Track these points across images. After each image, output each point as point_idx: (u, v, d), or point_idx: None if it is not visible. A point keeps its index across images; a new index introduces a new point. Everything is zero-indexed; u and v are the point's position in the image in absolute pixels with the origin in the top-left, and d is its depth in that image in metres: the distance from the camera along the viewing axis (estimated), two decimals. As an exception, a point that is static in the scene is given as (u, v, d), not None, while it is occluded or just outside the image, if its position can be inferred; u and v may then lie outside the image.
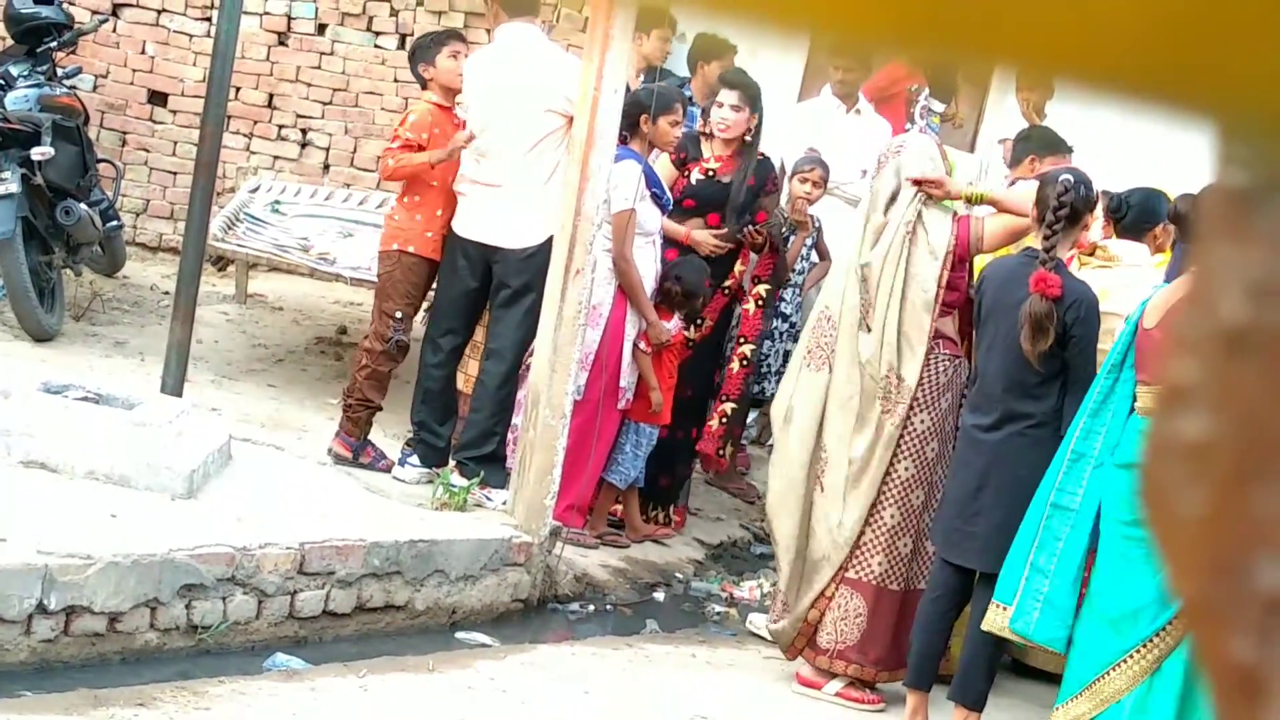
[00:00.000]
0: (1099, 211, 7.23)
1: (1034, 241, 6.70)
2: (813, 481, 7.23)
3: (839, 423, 7.18)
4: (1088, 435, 6.20)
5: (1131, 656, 5.92)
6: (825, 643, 7.16)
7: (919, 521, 7.03)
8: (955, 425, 6.99)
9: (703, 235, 9.04)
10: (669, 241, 8.92)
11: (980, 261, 7.27)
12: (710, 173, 9.07)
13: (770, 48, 9.28)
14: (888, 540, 7.01)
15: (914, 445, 6.99)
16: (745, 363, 9.28)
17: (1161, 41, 0.66)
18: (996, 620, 6.45)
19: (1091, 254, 7.71)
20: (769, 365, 10.08)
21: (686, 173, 9.06)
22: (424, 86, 8.79)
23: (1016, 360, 6.51)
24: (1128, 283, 7.61)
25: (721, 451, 9.27)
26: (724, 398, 9.24)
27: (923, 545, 7.06)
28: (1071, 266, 7.24)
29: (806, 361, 7.34)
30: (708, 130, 9.13)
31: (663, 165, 8.96)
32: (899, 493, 6.99)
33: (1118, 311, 7.12)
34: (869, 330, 7.07)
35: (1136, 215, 7.98)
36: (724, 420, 9.19)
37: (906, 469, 6.99)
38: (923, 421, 6.98)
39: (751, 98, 9.06)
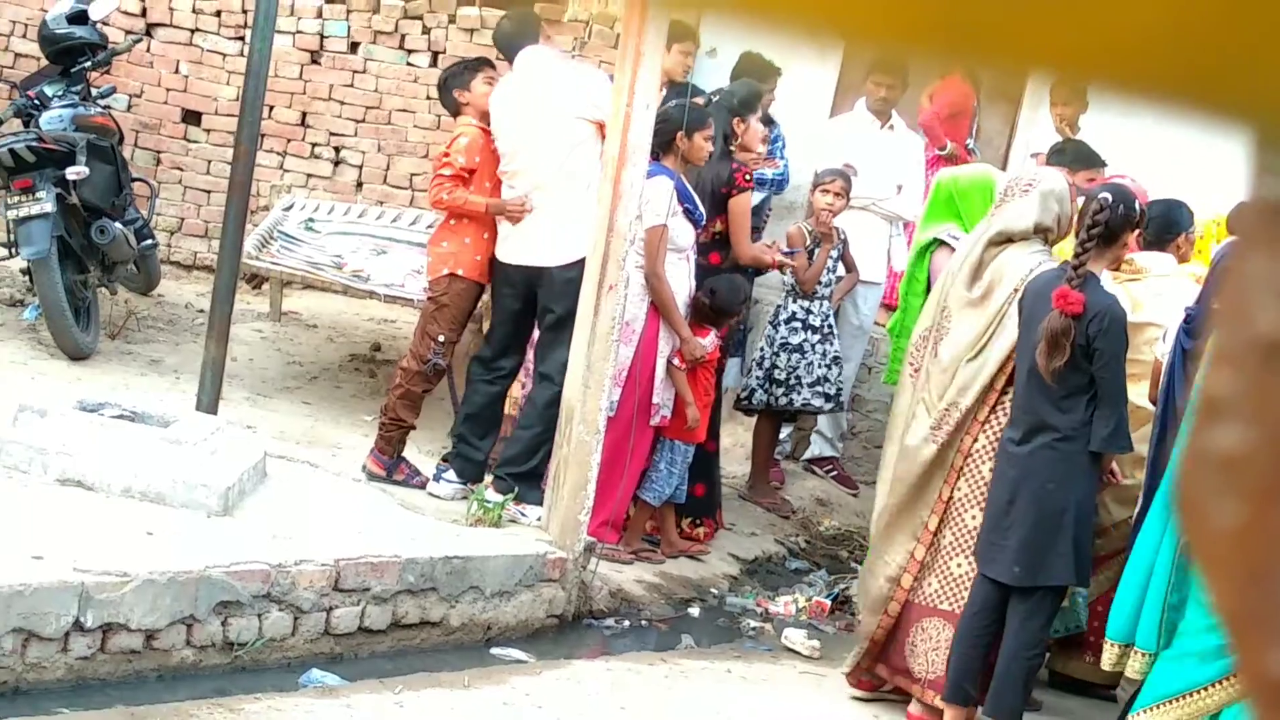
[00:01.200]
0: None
1: None
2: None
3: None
4: None
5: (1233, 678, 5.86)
6: (919, 672, 7.13)
7: None
8: None
9: (759, 255, 9.19)
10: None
11: None
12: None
13: (804, 59, 9.27)
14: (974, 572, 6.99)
15: (981, 494, 6.95)
16: None
17: (1195, 48, 0.66)
18: (1136, 665, 6.45)
19: (1118, 267, 7.70)
20: (798, 378, 10.08)
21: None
22: (456, 114, 8.79)
23: (1056, 375, 6.51)
24: (1159, 292, 7.60)
25: None
26: None
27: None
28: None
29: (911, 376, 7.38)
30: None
31: (747, 209, 9.06)
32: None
33: (1154, 321, 7.10)
34: (936, 355, 7.10)
35: (1159, 227, 7.96)
36: None
37: (975, 516, 6.97)
38: (989, 470, 6.95)
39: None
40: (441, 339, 8.53)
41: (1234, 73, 0.68)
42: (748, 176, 9.00)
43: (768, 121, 10.15)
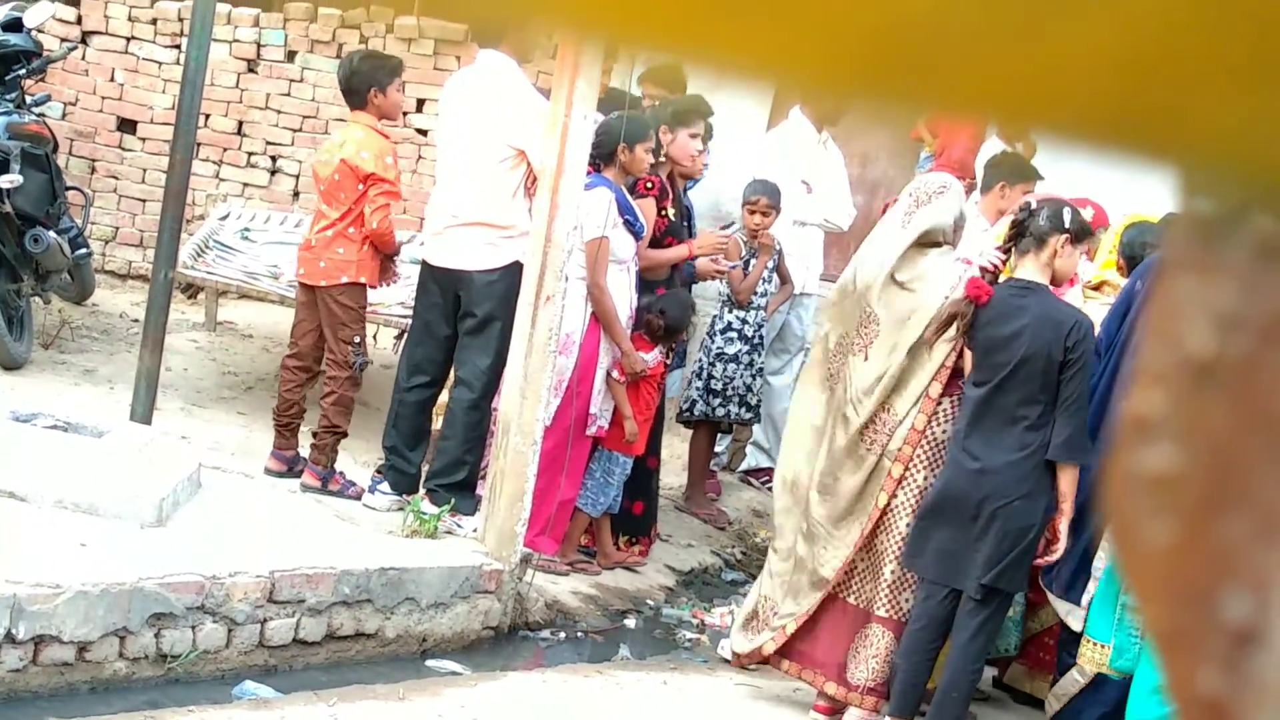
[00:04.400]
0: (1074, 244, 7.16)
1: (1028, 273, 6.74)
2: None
3: (821, 450, 7.24)
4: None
5: None
6: (857, 679, 7.13)
7: None
8: None
9: (709, 239, 9.13)
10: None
11: None
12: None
13: (736, 91, 9.25)
14: (914, 577, 7.01)
15: (914, 501, 6.99)
16: None
17: (1122, 89, 0.67)
18: (1094, 657, 6.54)
19: (1099, 289, 7.76)
20: (733, 389, 10.11)
21: (661, 209, 9.07)
22: (359, 105, 8.65)
23: (1020, 392, 6.55)
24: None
25: None
26: None
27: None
28: (1072, 298, 7.30)
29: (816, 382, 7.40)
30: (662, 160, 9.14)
31: (647, 207, 8.96)
32: None
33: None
34: (866, 359, 7.12)
35: (1135, 252, 7.93)
36: None
37: (907, 524, 6.99)
38: (926, 478, 6.97)
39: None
40: (357, 340, 8.54)
41: (1164, 116, 0.68)
42: (649, 184, 8.99)
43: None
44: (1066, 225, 6.81)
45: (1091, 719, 6.98)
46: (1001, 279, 6.90)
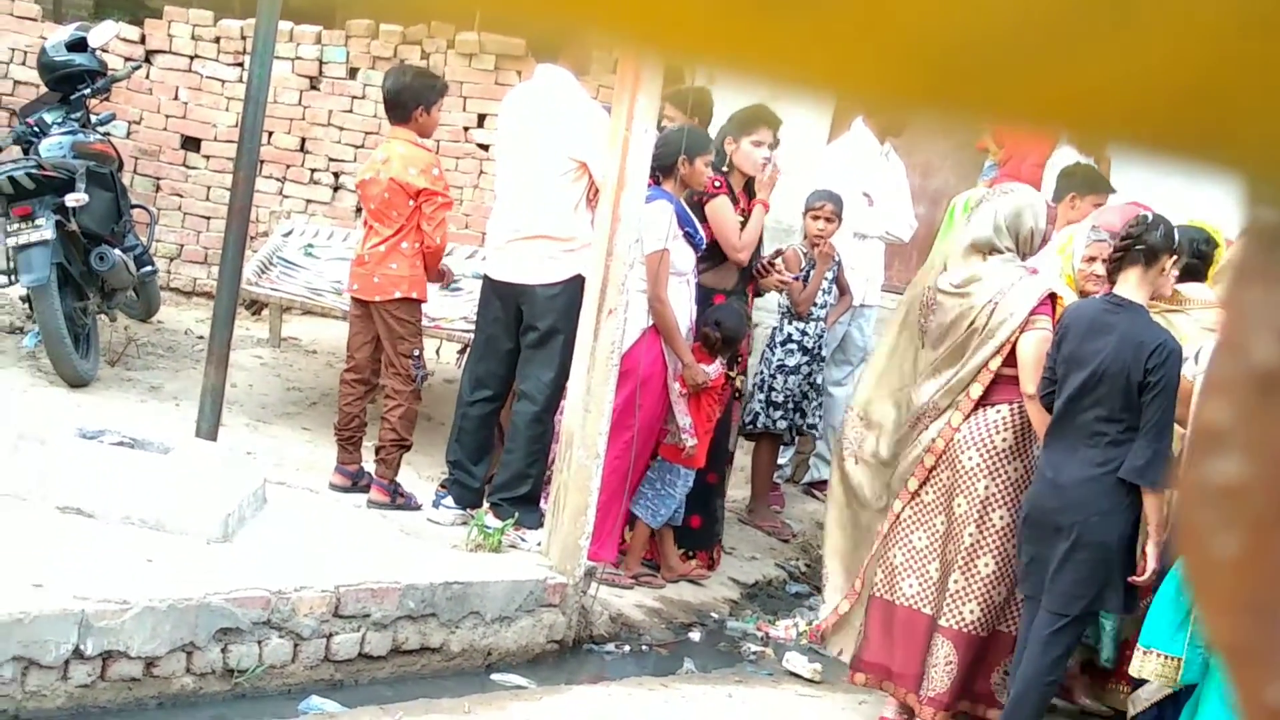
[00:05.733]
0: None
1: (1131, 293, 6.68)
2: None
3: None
4: None
5: None
6: (922, 691, 7.13)
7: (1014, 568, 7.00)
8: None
9: (767, 184, 9.13)
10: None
11: None
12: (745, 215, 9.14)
13: (797, 107, 9.23)
14: (983, 589, 7.00)
15: (979, 511, 6.99)
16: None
17: (1187, 101, 0.67)
18: (1159, 669, 6.46)
19: (1172, 299, 7.71)
20: (794, 401, 10.09)
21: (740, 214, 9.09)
22: (402, 120, 8.67)
23: (1104, 408, 6.50)
24: (1199, 321, 7.51)
25: None
26: None
27: (1013, 590, 7.03)
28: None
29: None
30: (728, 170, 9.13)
31: (727, 209, 8.98)
32: (996, 541, 6.98)
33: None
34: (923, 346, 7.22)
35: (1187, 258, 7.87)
36: None
37: (971, 534, 7.00)
38: (986, 488, 6.97)
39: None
40: (417, 353, 8.59)
41: (1229, 127, 0.68)
42: (716, 184, 8.98)
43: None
44: (1177, 244, 6.78)
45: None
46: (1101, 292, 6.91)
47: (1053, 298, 7.01)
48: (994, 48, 0.65)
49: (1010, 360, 6.99)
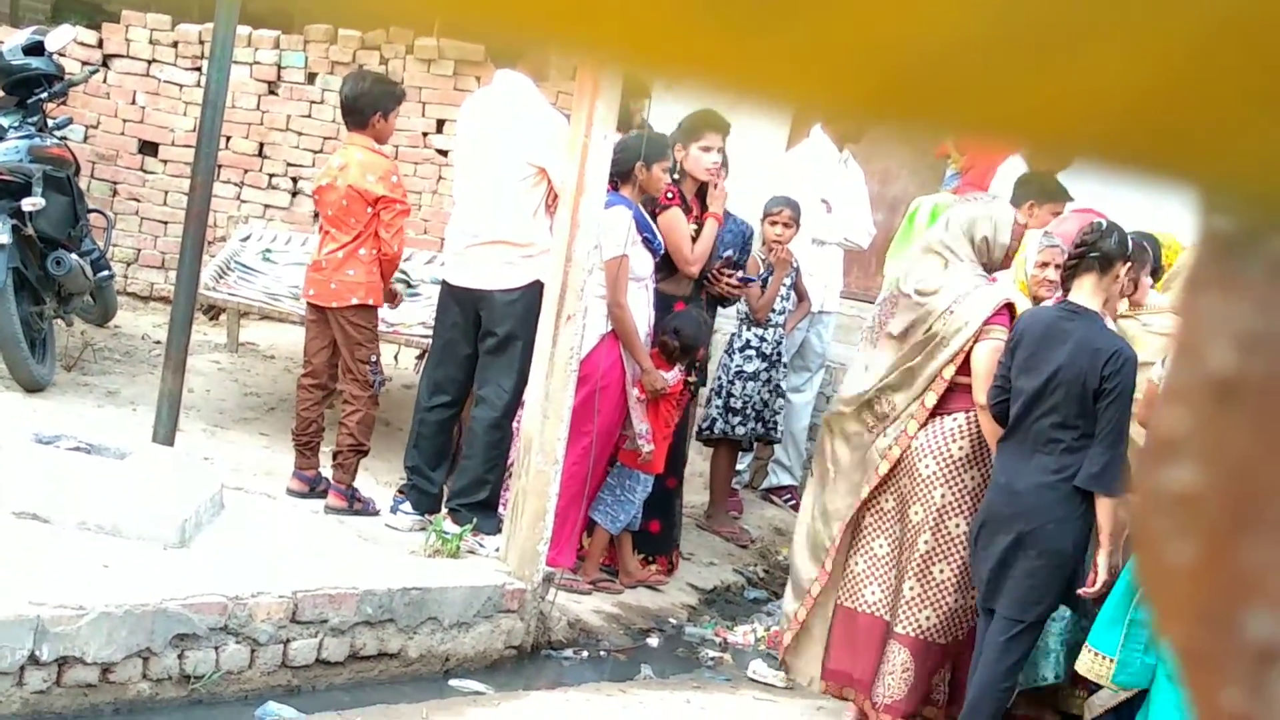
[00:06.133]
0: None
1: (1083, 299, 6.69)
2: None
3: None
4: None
5: None
6: (876, 696, 7.13)
7: (968, 577, 7.01)
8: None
9: (719, 194, 9.10)
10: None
11: None
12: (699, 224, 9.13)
13: (753, 118, 9.23)
14: (940, 596, 7.01)
15: (934, 519, 7.00)
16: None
17: (1143, 114, 0.67)
18: (1095, 669, 6.49)
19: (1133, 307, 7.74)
20: (752, 407, 10.11)
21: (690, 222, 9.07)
22: (359, 126, 8.62)
23: (1059, 416, 6.51)
24: (1147, 324, 7.54)
25: None
26: None
27: (966, 598, 7.04)
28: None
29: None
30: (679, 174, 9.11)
31: (680, 222, 8.97)
32: (953, 549, 6.98)
33: (1149, 360, 7.04)
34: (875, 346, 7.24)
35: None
36: None
37: (926, 541, 7.00)
38: (942, 495, 6.98)
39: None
40: (374, 359, 8.59)
41: (1185, 139, 0.68)
42: (669, 195, 8.98)
43: None
44: (1131, 251, 6.80)
45: None
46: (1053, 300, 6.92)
47: (1009, 307, 7.01)
48: (950, 60, 0.65)
49: (965, 369, 7.00)
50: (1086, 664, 6.60)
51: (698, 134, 9.09)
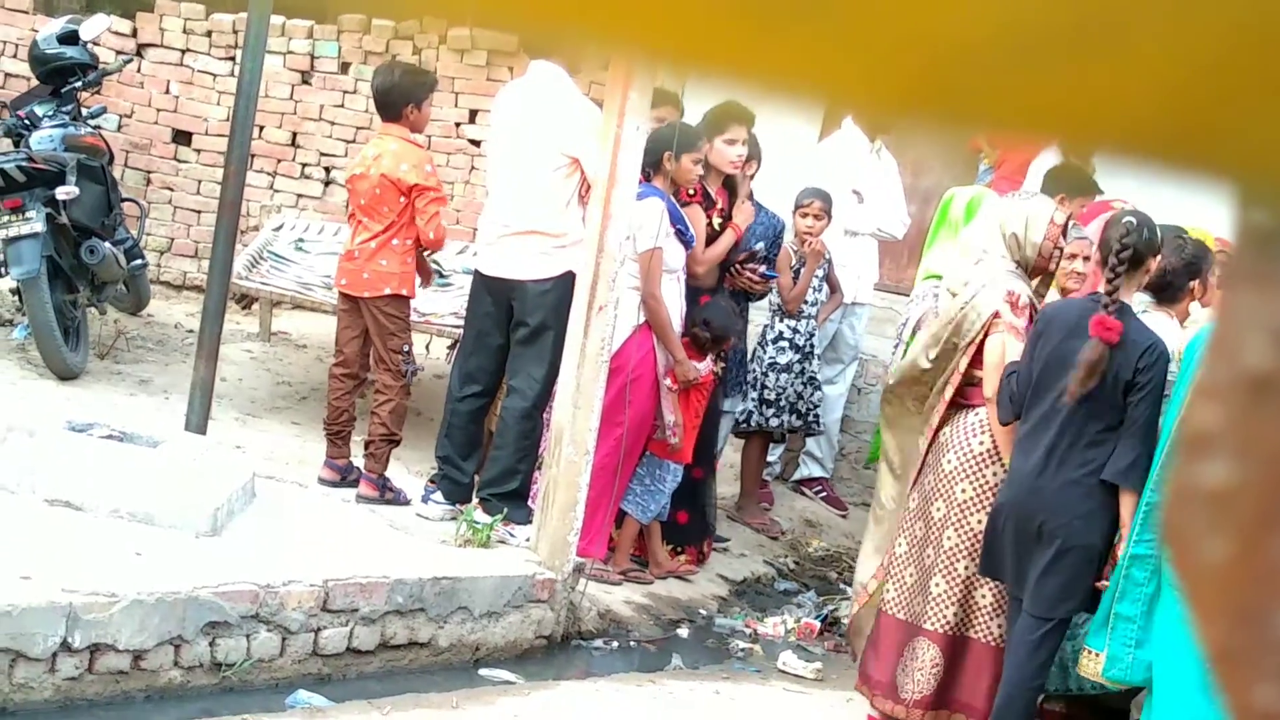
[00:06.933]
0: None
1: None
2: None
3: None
4: (1160, 484, 6.11)
5: None
6: (905, 693, 7.10)
7: None
8: None
9: (746, 211, 9.07)
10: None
11: None
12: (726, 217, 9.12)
13: (783, 114, 9.20)
14: (963, 592, 6.97)
15: (957, 515, 6.97)
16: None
17: (1177, 109, 0.67)
18: (1090, 667, 6.47)
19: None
20: (785, 399, 10.09)
21: (707, 218, 9.04)
22: (393, 118, 8.65)
23: (1086, 409, 6.43)
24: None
25: None
26: None
27: (988, 593, 6.98)
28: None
29: None
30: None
31: (697, 221, 8.95)
32: (970, 545, 6.93)
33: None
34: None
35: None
36: None
37: (950, 538, 6.97)
38: (964, 491, 6.95)
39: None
40: (406, 349, 8.59)
41: (1218, 134, 0.68)
42: (691, 191, 8.96)
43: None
44: (1160, 245, 6.75)
45: None
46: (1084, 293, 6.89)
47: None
48: (984, 54, 0.65)
49: (978, 362, 6.97)
50: (1084, 665, 6.56)
51: (722, 126, 9.05)
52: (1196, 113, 0.67)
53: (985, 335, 6.94)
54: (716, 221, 9.07)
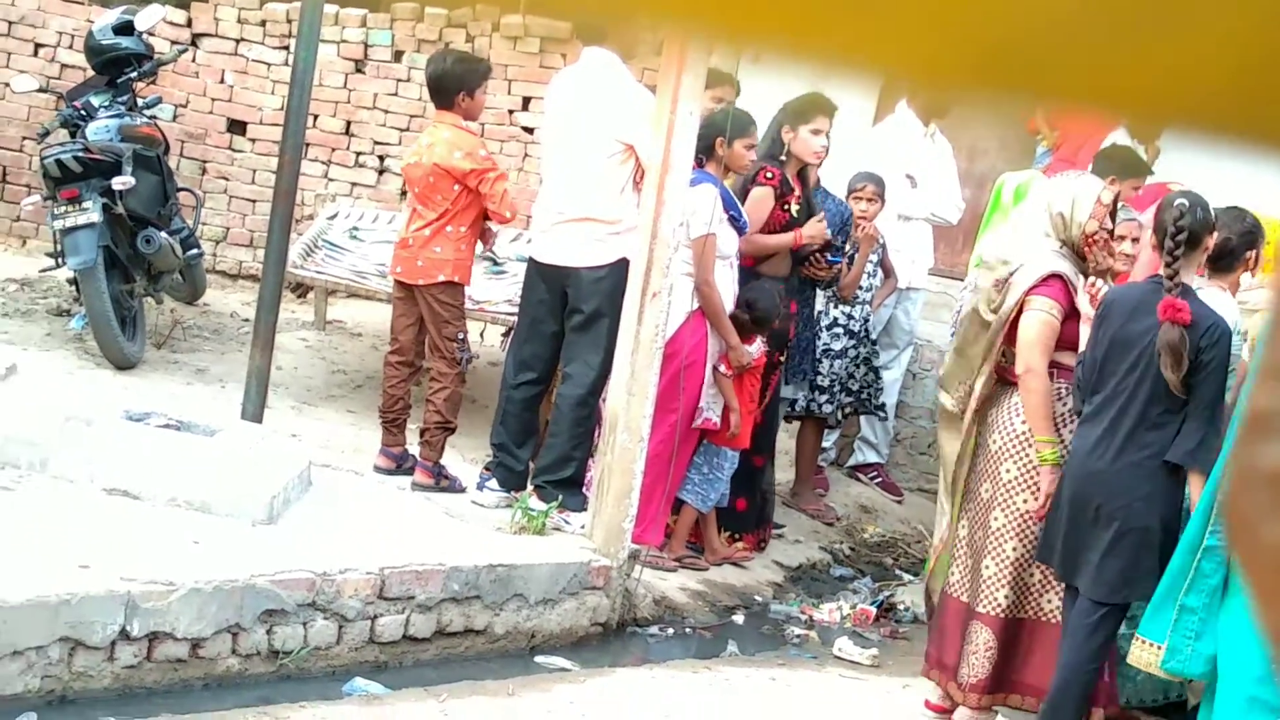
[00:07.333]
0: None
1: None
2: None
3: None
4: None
5: None
6: (962, 677, 7.08)
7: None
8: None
9: (815, 228, 9.05)
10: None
11: None
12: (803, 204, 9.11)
13: (844, 89, 9.17)
14: (1013, 573, 6.94)
15: (1003, 495, 6.93)
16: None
17: (1242, 85, 0.66)
18: (1145, 658, 6.38)
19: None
20: (839, 384, 10.07)
21: (783, 204, 9.02)
22: (446, 105, 8.66)
23: (1147, 391, 6.39)
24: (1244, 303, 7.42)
25: None
26: None
27: (1048, 574, 6.95)
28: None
29: None
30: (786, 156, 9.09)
31: (763, 205, 8.95)
32: (1020, 525, 6.90)
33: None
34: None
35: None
36: None
37: (997, 518, 6.94)
38: (1009, 470, 6.91)
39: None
40: (461, 336, 8.60)
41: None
42: (769, 174, 8.95)
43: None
44: (1215, 223, 6.71)
45: None
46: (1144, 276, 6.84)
47: (1059, 279, 6.89)
48: (1051, 33, 0.64)
49: (1011, 339, 6.94)
50: (1135, 653, 6.47)
51: (808, 116, 9.07)
52: (1264, 88, 0.66)
53: (1019, 312, 6.90)
54: (795, 209, 9.05)
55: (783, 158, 9.07)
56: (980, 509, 7.01)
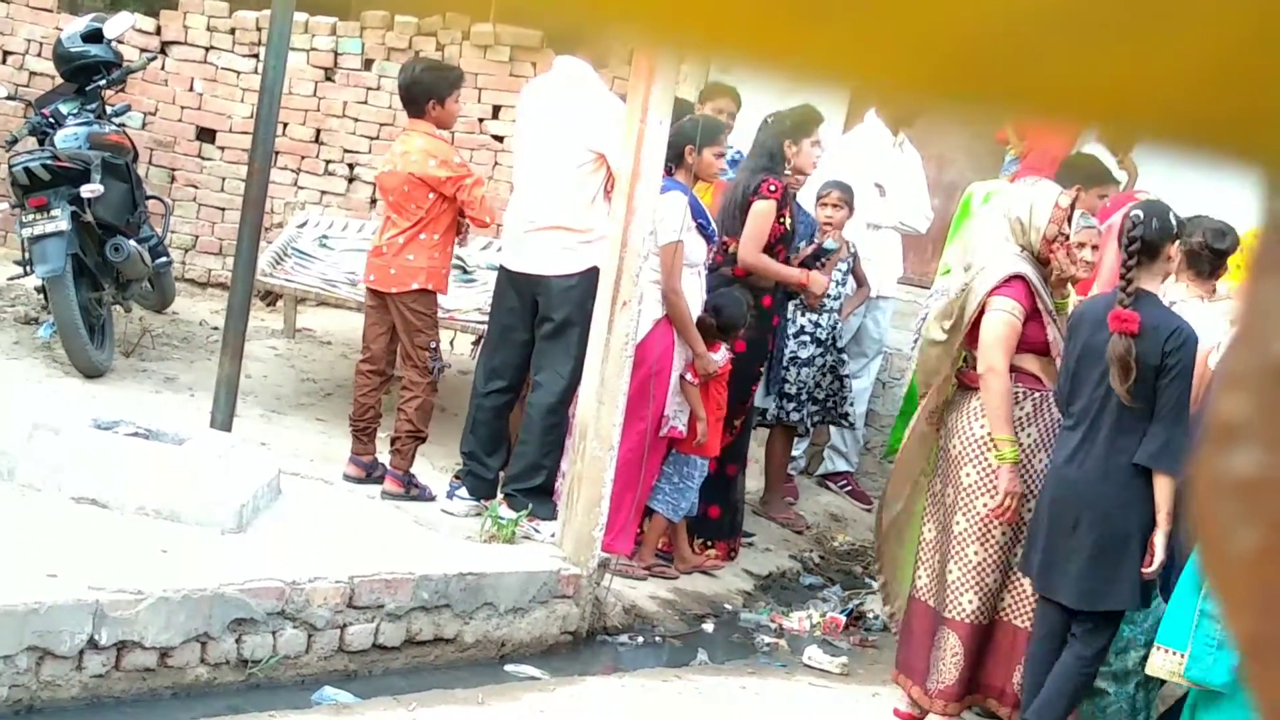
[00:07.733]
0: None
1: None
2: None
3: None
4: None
5: None
6: (930, 684, 7.10)
7: (1007, 555, 6.96)
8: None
9: (822, 283, 9.14)
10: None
11: None
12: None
13: (817, 97, 9.21)
14: (977, 578, 6.97)
15: (964, 499, 6.97)
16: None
17: (1210, 94, 0.66)
18: (1167, 666, 6.38)
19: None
20: (807, 393, 10.08)
21: (780, 218, 9.05)
22: (418, 114, 8.64)
23: (1118, 399, 6.43)
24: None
25: None
26: None
27: (1013, 577, 6.99)
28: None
29: None
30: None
31: (763, 220, 9.00)
32: (979, 530, 6.93)
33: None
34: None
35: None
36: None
37: (959, 523, 6.97)
38: (968, 475, 6.94)
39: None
40: (434, 345, 8.59)
41: (1252, 120, 0.67)
42: (772, 188, 8.97)
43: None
44: (1175, 229, 6.74)
45: None
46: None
47: (1021, 280, 6.93)
48: (1017, 40, 0.65)
49: (973, 341, 6.98)
50: (1158, 663, 6.48)
51: (809, 129, 9.16)
52: (1228, 97, 0.66)
53: (980, 314, 6.95)
54: (788, 221, 9.11)
55: (787, 171, 9.11)
56: (944, 513, 7.05)
